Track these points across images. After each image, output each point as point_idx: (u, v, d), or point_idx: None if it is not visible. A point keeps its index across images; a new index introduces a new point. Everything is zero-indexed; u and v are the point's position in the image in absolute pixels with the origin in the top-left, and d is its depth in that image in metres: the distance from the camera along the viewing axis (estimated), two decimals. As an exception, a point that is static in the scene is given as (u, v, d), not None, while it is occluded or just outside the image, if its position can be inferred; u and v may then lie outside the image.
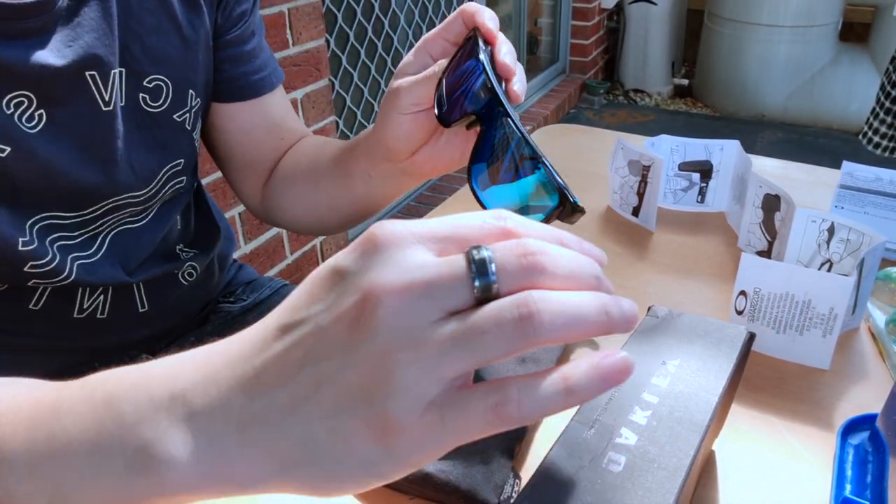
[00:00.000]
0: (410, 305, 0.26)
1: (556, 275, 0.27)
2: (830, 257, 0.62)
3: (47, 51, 0.51)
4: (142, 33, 0.58)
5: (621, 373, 0.26)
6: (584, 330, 0.27)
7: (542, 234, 0.29)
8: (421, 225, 0.28)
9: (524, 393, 0.26)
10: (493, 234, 0.28)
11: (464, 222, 0.29)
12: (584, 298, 0.28)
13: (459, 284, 0.26)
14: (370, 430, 0.26)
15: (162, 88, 0.61)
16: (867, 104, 2.05)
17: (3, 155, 0.51)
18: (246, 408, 0.28)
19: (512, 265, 0.27)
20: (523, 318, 0.25)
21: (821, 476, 0.46)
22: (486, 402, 0.26)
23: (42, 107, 0.52)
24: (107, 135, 0.57)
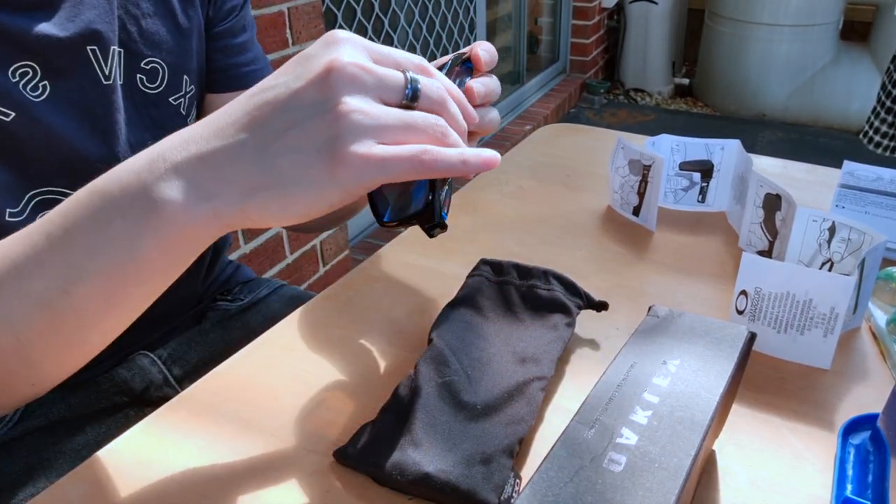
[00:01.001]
0: (364, 80, 0.37)
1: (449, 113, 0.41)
2: (831, 257, 0.62)
3: (51, 23, 0.54)
4: (138, 16, 0.61)
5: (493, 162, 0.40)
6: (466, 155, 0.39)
7: (448, 83, 0.42)
8: (368, 41, 0.39)
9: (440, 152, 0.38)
10: (414, 64, 0.40)
11: (397, 51, 0.40)
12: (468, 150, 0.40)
13: (397, 86, 0.39)
14: (324, 161, 0.37)
15: (158, 71, 0.63)
16: (868, 103, 2.05)
17: (7, 119, 0.53)
18: (221, 151, 0.38)
19: (431, 91, 0.40)
20: (440, 124, 0.39)
21: (822, 476, 0.46)
22: (415, 149, 0.37)
23: (46, 78, 0.55)
24: (107, 107, 0.59)
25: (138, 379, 0.70)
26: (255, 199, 0.38)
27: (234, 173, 0.38)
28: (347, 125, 0.36)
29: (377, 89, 0.38)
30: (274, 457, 0.48)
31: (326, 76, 0.37)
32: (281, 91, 0.38)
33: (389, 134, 0.37)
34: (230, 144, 0.38)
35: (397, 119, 0.38)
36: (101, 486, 0.46)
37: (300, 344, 0.60)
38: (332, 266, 1.93)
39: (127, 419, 0.68)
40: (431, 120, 0.39)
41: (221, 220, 0.39)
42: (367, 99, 0.37)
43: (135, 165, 0.39)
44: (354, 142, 0.36)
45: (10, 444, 0.63)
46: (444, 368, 0.50)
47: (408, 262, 0.72)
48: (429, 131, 0.38)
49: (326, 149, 0.36)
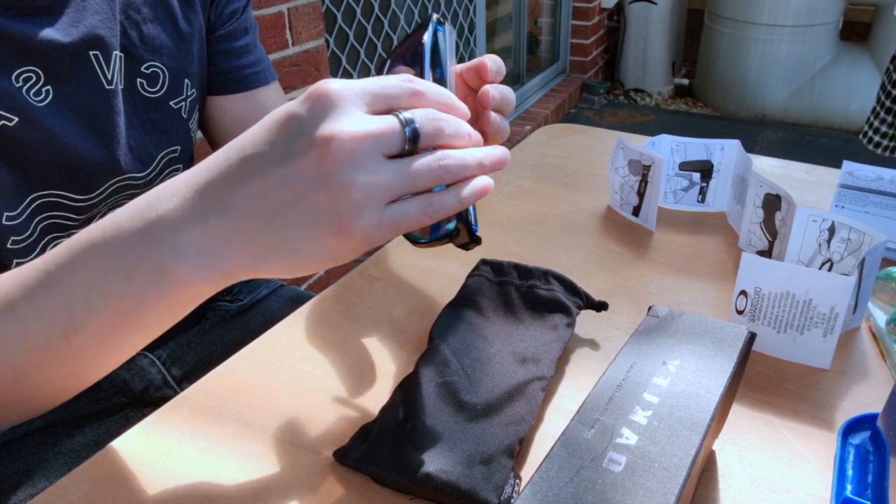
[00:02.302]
0: (364, 147, 0.36)
1: (451, 136, 0.40)
2: (831, 257, 0.62)
3: (54, 28, 0.55)
4: (139, 21, 0.62)
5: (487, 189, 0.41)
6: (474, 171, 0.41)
7: (438, 95, 0.41)
8: (357, 84, 0.38)
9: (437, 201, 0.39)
10: (406, 94, 0.39)
11: (387, 83, 0.39)
12: (471, 152, 0.41)
13: (396, 137, 0.38)
14: (335, 234, 0.37)
15: (159, 75, 0.63)
16: (868, 103, 2.05)
17: (10, 124, 0.53)
18: (228, 222, 0.38)
19: (427, 126, 0.39)
20: (441, 166, 0.39)
21: (821, 476, 0.46)
22: (419, 207, 0.39)
23: (49, 83, 0.55)
24: (109, 112, 0.60)
25: (138, 379, 0.70)
26: (266, 263, 0.38)
27: (243, 242, 0.38)
28: (354, 200, 0.36)
29: (377, 150, 0.37)
30: (274, 457, 0.48)
31: (325, 153, 0.36)
32: (278, 164, 0.37)
33: (397, 193, 0.38)
34: (235, 216, 0.38)
35: (402, 181, 0.38)
36: (101, 487, 0.46)
37: (300, 344, 0.60)
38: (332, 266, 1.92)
39: (126, 420, 0.68)
40: (434, 168, 0.39)
41: (230, 278, 0.39)
42: (369, 166, 0.37)
43: (133, 225, 0.39)
44: (362, 214, 0.37)
45: (10, 445, 0.63)
46: (444, 368, 0.50)
47: (408, 262, 0.72)
48: (434, 181, 0.39)
49: (336, 222, 0.37)
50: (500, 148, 0.42)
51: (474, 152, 0.41)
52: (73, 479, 0.47)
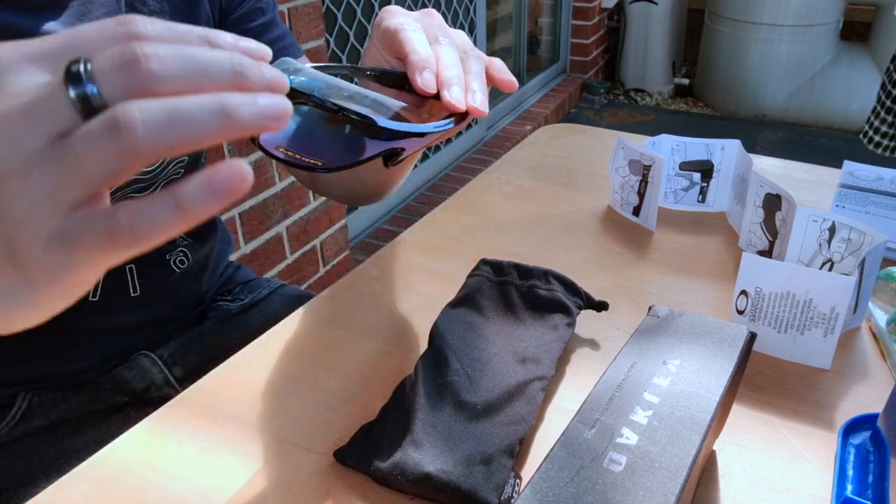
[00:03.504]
0: (11, 134, 0.24)
1: (173, 78, 0.25)
2: (831, 257, 0.62)
3: (59, 23, 0.54)
4: (145, 14, 0.61)
5: (233, 183, 0.25)
6: (196, 133, 0.24)
7: (179, 36, 0.26)
8: (31, 42, 0.26)
9: (135, 216, 0.25)
10: (115, 41, 0.25)
11: (80, 31, 0.26)
12: (196, 99, 0.25)
13: (57, 101, 0.24)
14: (4, 265, 0.26)
15: None
16: (868, 103, 2.04)
17: None
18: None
19: (113, 71, 0.24)
20: (111, 128, 0.23)
21: (822, 476, 0.46)
22: (97, 231, 0.25)
23: None
24: None
25: (139, 379, 0.70)
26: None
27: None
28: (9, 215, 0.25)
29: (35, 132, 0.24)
30: (274, 457, 0.48)
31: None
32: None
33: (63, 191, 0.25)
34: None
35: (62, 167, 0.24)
36: (102, 486, 0.46)
37: (300, 344, 0.60)
38: (333, 266, 1.93)
39: (127, 419, 0.68)
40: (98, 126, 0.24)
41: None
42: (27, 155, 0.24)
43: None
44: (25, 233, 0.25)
45: (11, 445, 0.63)
46: (444, 368, 0.50)
47: (408, 262, 0.72)
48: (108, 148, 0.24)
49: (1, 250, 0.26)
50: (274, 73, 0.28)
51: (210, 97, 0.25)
52: (73, 479, 0.47)
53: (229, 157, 0.27)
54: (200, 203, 0.25)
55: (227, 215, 1.50)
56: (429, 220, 0.80)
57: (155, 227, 0.25)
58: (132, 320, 0.68)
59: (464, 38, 0.49)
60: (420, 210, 2.44)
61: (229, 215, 1.51)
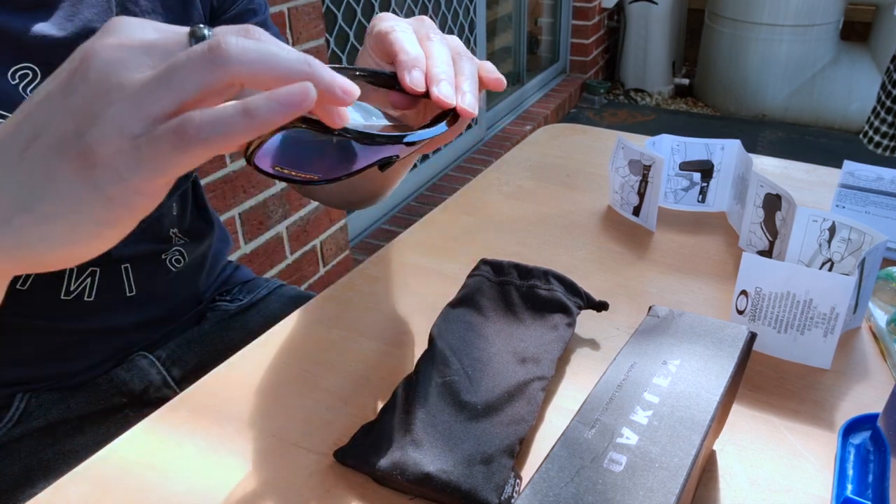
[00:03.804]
0: (124, 55, 0.28)
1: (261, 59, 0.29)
2: (831, 257, 0.62)
3: (49, 23, 0.54)
4: (137, 14, 0.61)
5: (297, 96, 0.28)
6: (280, 69, 0.29)
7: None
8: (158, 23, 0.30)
9: (205, 114, 0.28)
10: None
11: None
12: (284, 48, 0.30)
13: (177, 46, 0.29)
14: (73, 164, 0.28)
15: None
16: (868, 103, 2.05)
17: None
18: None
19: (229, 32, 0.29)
20: (211, 45, 0.28)
21: (822, 476, 0.46)
22: (168, 128, 0.27)
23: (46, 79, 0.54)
24: None
25: (137, 380, 0.70)
26: (8, 227, 0.30)
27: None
28: (98, 117, 0.28)
29: (145, 60, 0.29)
30: (274, 457, 0.48)
31: (80, 64, 0.29)
32: (34, 96, 0.30)
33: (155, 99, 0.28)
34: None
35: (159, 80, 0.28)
36: (101, 487, 0.46)
37: (300, 344, 0.60)
38: (333, 266, 1.93)
39: (126, 420, 0.68)
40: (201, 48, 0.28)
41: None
42: (130, 73, 0.28)
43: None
44: (102, 130, 0.28)
45: (10, 446, 0.63)
46: (444, 368, 0.50)
47: (408, 262, 0.72)
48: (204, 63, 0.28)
49: (73, 145, 0.28)
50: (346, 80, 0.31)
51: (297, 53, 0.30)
52: (73, 479, 0.47)
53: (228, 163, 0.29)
54: (265, 110, 0.28)
55: (226, 215, 1.50)
56: (429, 220, 0.80)
57: (223, 127, 0.28)
58: (129, 320, 0.68)
59: (457, 41, 0.49)
60: (420, 210, 2.44)
61: (229, 215, 1.51)
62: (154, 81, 0.28)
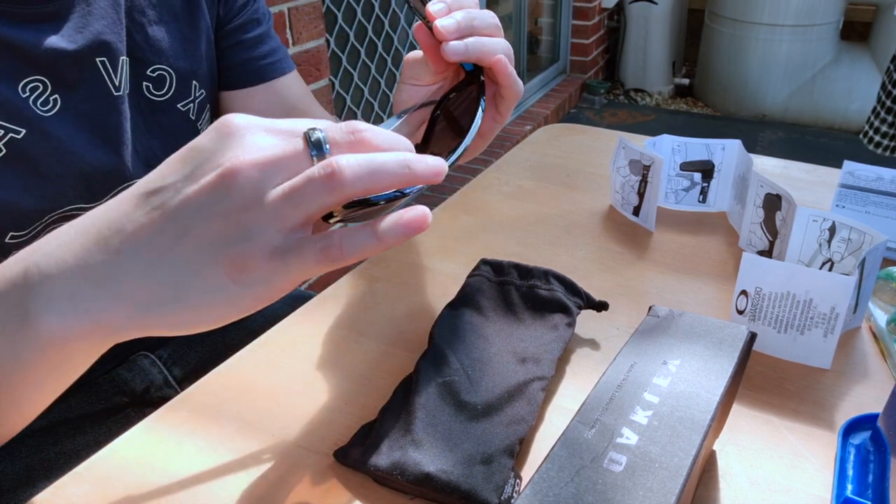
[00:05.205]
0: (262, 174, 0.32)
1: (378, 147, 0.34)
2: (832, 257, 0.62)
3: (59, 36, 0.54)
4: (144, 24, 0.61)
5: (419, 222, 0.33)
6: (387, 179, 0.33)
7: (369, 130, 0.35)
8: (266, 119, 0.34)
9: (344, 238, 0.33)
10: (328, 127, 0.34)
11: (300, 120, 0.35)
12: (386, 155, 0.34)
13: (300, 157, 0.33)
14: (226, 268, 0.33)
15: (165, 78, 0.63)
16: (868, 103, 2.05)
17: (18, 137, 0.52)
18: (103, 265, 0.34)
19: (342, 140, 0.34)
20: (329, 173, 0.32)
21: (822, 476, 0.46)
22: (316, 246, 0.33)
23: (56, 91, 0.54)
24: (117, 118, 0.59)
25: (138, 379, 0.70)
26: (152, 313, 0.34)
27: (121, 288, 0.33)
28: (246, 230, 0.32)
29: (279, 176, 0.33)
30: (274, 457, 0.48)
31: (222, 180, 0.32)
32: (171, 196, 0.33)
33: (287, 216, 0.32)
34: (113, 258, 0.33)
35: (287, 199, 0.32)
36: (102, 487, 0.46)
37: (300, 344, 0.60)
38: (333, 266, 1.92)
39: (127, 420, 0.68)
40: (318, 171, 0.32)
41: (115, 334, 0.35)
42: (267, 191, 0.33)
43: (12, 270, 0.35)
44: (252, 244, 0.32)
45: (10, 445, 0.63)
46: (444, 368, 0.50)
47: (408, 262, 0.72)
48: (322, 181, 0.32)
49: (225, 254, 0.33)
50: (436, 158, 0.36)
51: (395, 154, 0.34)
52: (73, 479, 0.47)
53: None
54: (392, 234, 0.33)
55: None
56: (429, 220, 0.79)
57: (358, 248, 0.33)
58: None
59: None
60: (420, 210, 2.43)
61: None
62: (285, 202, 0.32)
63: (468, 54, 0.46)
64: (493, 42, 0.48)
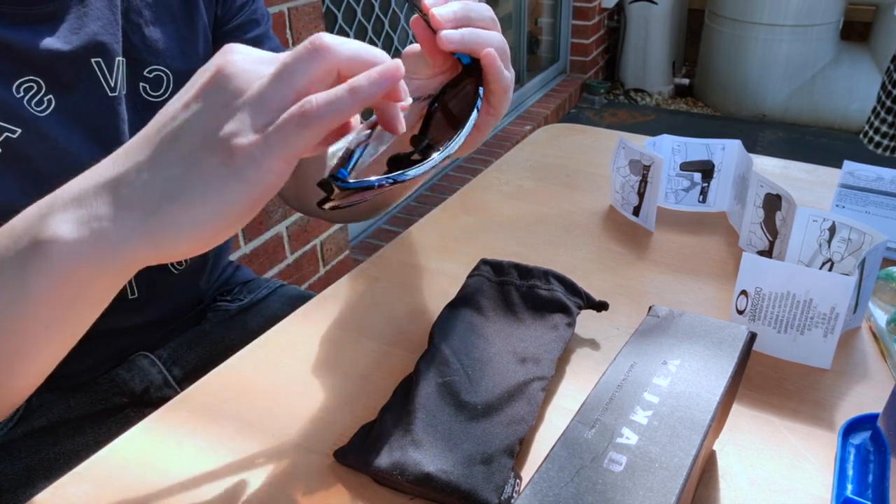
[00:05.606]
0: (249, 66, 0.35)
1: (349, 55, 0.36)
2: (831, 257, 0.62)
3: (55, 37, 0.54)
4: (140, 24, 0.61)
5: (390, 72, 0.35)
6: (367, 58, 0.36)
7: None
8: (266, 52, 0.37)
9: (319, 96, 0.34)
10: None
11: None
12: (365, 45, 0.37)
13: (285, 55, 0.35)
14: (216, 156, 0.34)
15: (162, 79, 0.62)
16: (868, 103, 2.04)
17: (14, 136, 0.52)
18: (118, 175, 0.35)
19: None
20: (314, 42, 0.35)
21: (822, 476, 0.46)
22: (292, 110, 0.34)
23: (51, 92, 0.54)
24: (113, 119, 0.59)
25: (138, 380, 0.70)
26: (155, 219, 0.35)
27: (132, 195, 0.35)
28: (233, 118, 0.34)
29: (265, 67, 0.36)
30: (274, 457, 0.48)
31: (214, 77, 0.35)
32: (172, 104, 0.36)
33: (271, 93, 0.34)
34: (126, 167, 0.36)
35: (275, 77, 0.35)
36: (101, 487, 0.46)
37: (300, 344, 0.60)
38: (333, 266, 1.93)
39: (127, 420, 0.68)
40: (304, 46, 0.35)
41: (123, 252, 0.35)
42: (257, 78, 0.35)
43: (42, 200, 0.37)
44: (240, 126, 0.34)
45: (10, 445, 0.63)
46: (444, 368, 0.50)
47: (408, 262, 0.72)
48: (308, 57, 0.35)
49: (215, 141, 0.34)
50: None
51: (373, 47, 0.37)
52: (73, 479, 0.47)
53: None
54: (367, 84, 0.34)
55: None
56: (429, 220, 0.80)
57: (335, 104, 0.34)
58: (131, 322, 0.68)
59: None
60: (420, 210, 2.44)
61: (229, 215, 1.51)
62: (272, 80, 0.34)
63: (463, 43, 0.46)
64: (488, 35, 0.48)
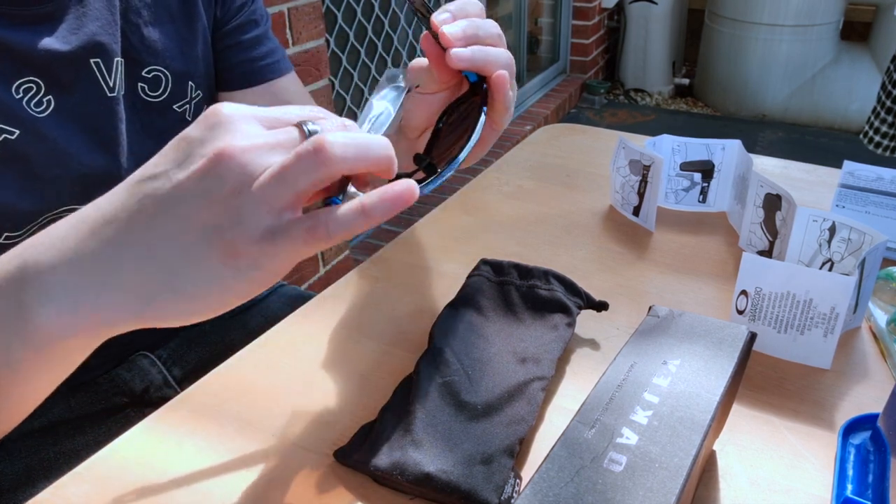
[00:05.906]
0: (252, 158, 0.33)
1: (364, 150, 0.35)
2: (832, 257, 0.62)
3: (54, 37, 0.54)
4: (139, 24, 0.60)
5: (404, 196, 0.34)
6: (372, 159, 0.34)
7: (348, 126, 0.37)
8: (255, 107, 0.35)
9: (331, 216, 0.33)
10: (312, 116, 0.36)
11: (290, 109, 0.36)
12: (372, 136, 0.35)
13: (290, 144, 0.34)
14: (219, 254, 0.33)
15: (161, 79, 0.62)
16: (868, 103, 2.05)
17: (12, 137, 0.52)
18: (98, 255, 0.34)
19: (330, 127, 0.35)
20: (317, 149, 0.32)
21: (822, 476, 0.46)
22: (303, 226, 0.33)
23: (50, 92, 0.54)
24: (112, 120, 0.59)
25: (138, 380, 0.70)
26: (153, 304, 0.34)
27: (116, 279, 0.33)
28: (236, 215, 0.32)
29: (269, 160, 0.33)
30: (274, 457, 0.48)
31: (214, 166, 0.33)
32: (163, 183, 0.33)
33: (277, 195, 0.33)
34: (107, 248, 0.33)
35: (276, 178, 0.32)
36: (101, 487, 0.46)
37: (300, 344, 0.60)
38: (333, 266, 1.93)
39: (127, 420, 0.68)
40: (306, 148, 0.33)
41: (112, 327, 0.35)
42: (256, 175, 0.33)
43: (7, 266, 0.35)
44: (244, 228, 0.33)
45: (10, 445, 0.63)
46: (444, 368, 0.50)
47: (408, 262, 0.72)
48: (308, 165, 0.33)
49: (217, 238, 0.33)
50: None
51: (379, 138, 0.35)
52: (73, 479, 0.47)
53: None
54: (378, 210, 0.33)
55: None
56: (429, 220, 0.80)
57: (344, 226, 0.33)
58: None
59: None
60: (420, 210, 2.43)
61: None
62: (275, 180, 0.32)
63: (473, 62, 0.47)
64: (497, 53, 0.48)
